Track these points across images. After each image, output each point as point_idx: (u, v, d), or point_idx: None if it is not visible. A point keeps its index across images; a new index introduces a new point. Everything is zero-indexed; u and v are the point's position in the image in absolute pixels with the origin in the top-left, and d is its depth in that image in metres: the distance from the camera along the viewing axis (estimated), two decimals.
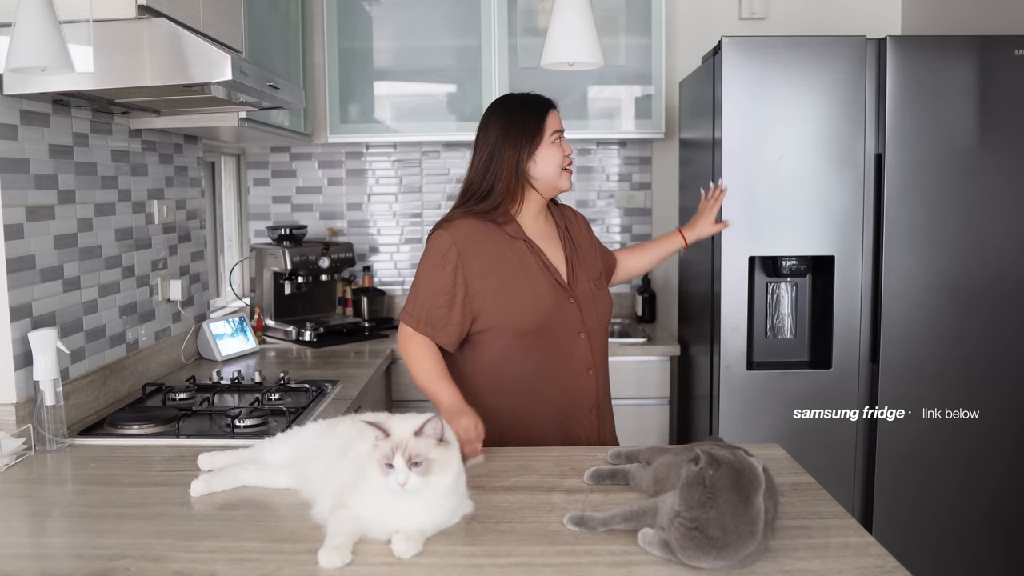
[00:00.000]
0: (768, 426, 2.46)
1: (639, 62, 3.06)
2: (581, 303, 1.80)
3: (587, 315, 1.80)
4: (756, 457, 1.09)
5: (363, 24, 3.08)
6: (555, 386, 1.77)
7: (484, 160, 1.78)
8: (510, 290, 1.74)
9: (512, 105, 1.82)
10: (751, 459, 1.08)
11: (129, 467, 1.55)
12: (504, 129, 1.77)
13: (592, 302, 1.82)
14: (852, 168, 2.40)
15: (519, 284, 1.75)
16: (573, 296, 1.79)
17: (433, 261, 1.74)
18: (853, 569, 1.09)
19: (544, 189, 1.80)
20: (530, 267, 1.77)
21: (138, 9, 1.59)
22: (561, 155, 1.79)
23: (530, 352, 1.75)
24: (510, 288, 1.74)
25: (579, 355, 1.79)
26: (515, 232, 1.78)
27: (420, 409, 1.25)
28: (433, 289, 1.73)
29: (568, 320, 1.78)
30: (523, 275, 1.76)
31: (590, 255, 1.89)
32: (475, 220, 1.77)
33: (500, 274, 1.74)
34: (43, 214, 1.82)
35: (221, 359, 2.60)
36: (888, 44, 2.35)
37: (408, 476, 1.13)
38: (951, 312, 2.41)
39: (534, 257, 1.78)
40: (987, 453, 2.44)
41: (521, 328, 1.74)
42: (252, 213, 3.46)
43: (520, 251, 1.77)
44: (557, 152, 1.78)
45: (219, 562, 1.13)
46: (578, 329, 1.78)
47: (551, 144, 1.78)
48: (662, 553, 1.10)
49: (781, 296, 2.53)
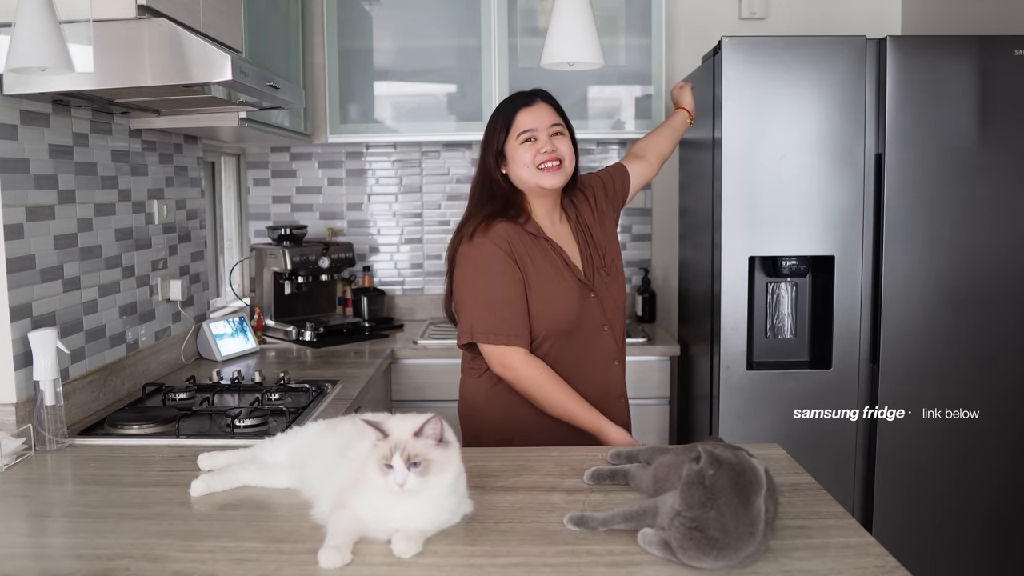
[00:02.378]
0: (768, 426, 2.45)
1: (639, 62, 3.06)
2: (600, 295, 1.81)
3: (607, 306, 1.82)
4: (758, 459, 1.09)
5: (363, 24, 3.08)
6: (588, 380, 1.78)
7: (478, 166, 1.83)
8: (545, 291, 1.74)
9: (497, 108, 1.82)
10: (753, 461, 1.08)
11: (129, 467, 1.55)
12: (486, 134, 1.81)
13: (607, 292, 1.83)
14: (852, 168, 2.40)
15: (552, 284, 1.75)
16: (593, 290, 1.80)
17: (491, 268, 1.71)
18: (853, 569, 1.09)
19: (530, 191, 1.78)
20: (557, 266, 1.77)
21: (138, 9, 1.59)
22: (531, 154, 1.74)
23: (563, 350, 1.76)
24: (545, 289, 1.74)
25: (606, 347, 1.82)
26: (535, 231, 1.78)
27: (420, 409, 1.25)
28: (501, 298, 1.70)
29: (592, 315, 1.80)
30: (553, 275, 1.76)
31: (598, 230, 1.87)
32: (503, 224, 1.74)
33: (535, 273, 1.74)
34: (43, 214, 1.82)
35: (221, 359, 2.60)
36: (888, 44, 2.35)
37: (407, 476, 1.13)
38: (951, 312, 2.41)
39: (557, 256, 1.78)
40: (987, 453, 2.44)
41: (556, 328, 1.74)
42: (252, 213, 3.46)
43: (544, 250, 1.77)
44: (526, 152, 1.74)
45: (219, 562, 1.13)
46: (601, 322, 1.81)
47: (519, 146, 1.75)
48: (662, 553, 1.10)
49: (781, 296, 2.53)
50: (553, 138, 1.76)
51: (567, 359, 1.76)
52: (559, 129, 1.77)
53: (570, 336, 1.76)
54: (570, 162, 1.79)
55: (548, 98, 1.81)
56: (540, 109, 1.77)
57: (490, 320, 1.70)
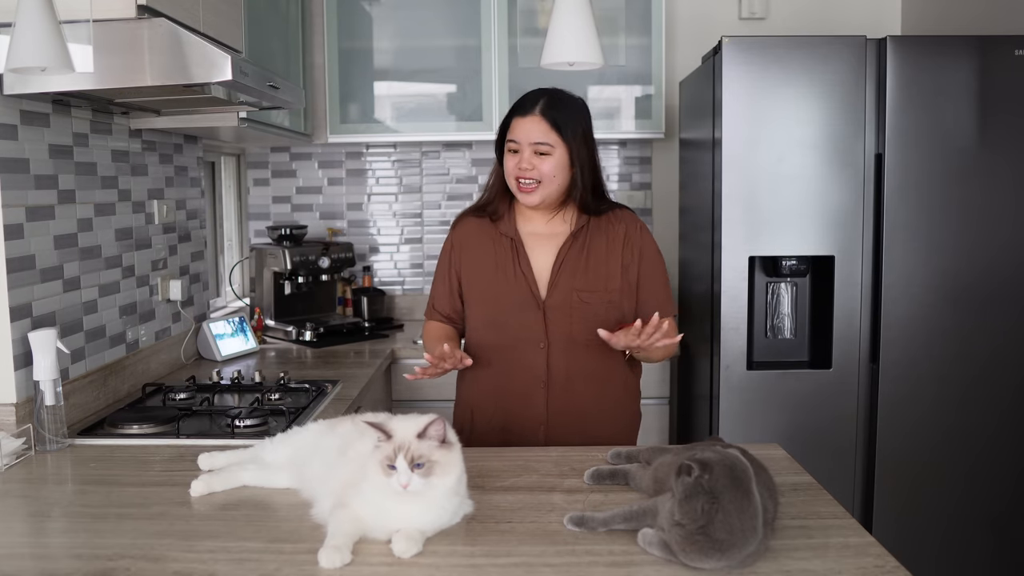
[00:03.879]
0: (768, 426, 2.46)
1: (639, 62, 3.06)
2: (550, 312, 1.74)
3: (554, 326, 1.74)
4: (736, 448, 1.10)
5: (363, 24, 3.08)
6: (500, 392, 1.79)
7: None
8: (481, 286, 1.81)
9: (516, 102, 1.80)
10: (733, 451, 1.09)
11: (129, 467, 1.55)
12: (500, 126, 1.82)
13: (567, 314, 1.73)
14: (852, 168, 2.40)
15: (488, 280, 1.80)
16: (542, 305, 1.75)
17: (441, 255, 1.89)
18: (853, 569, 1.09)
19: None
20: (503, 268, 1.78)
21: (138, 9, 1.59)
22: (512, 165, 1.73)
23: (485, 351, 1.79)
24: (481, 284, 1.81)
25: (533, 365, 1.75)
26: (506, 230, 1.80)
27: (420, 409, 1.25)
28: (437, 278, 1.89)
29: (528, 328, 1.75)
30: (493, 274, 1.79)
31: (602, 267, 1.76)
32: (475, 217, 1.85)
33: (478, 268, 1.82)
34: (43, 214, 1.82)
35: (221, 359, 2.60)
36: (888, 44, 2.35)
37: (410, 478, 1.13)
38: (951, 312, 2.41)
39: (512, 258, 1.78)
40: (987, 453, 2.44)
41: (478, 323, 1.82)
42: (252, 213, 3.46)
43: (502, 250, 1.79)
44: (509, 161, 1.74)
45: (219, 562, 1.12)
46: (539, 339, 1.74)
47: (507, 152, 1.75)
48: (662, 553, 1.10)
49: (781, 296, 2.53)
50: (535, 157, 1.70)
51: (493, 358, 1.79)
52: (543, 149, 1.69)
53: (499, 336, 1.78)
54: (550, 182, 1.71)
55: (548, 109, 1.70)
56: (530, 123, 1.70)
57: (433, 295, 1.90)
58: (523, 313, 1.75)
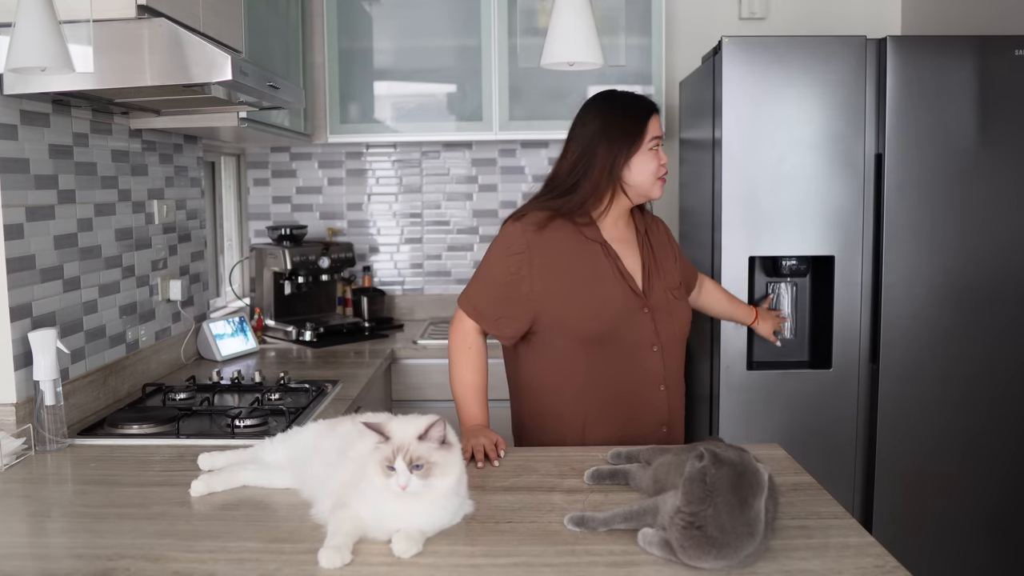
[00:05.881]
0: (768, 426, 2.45)
1: (639, 62, 3.06)
2: (656, 313, 1.73)
3: (662, 326, 1.73)
4: (764, 463, 1.09)
5: (363, 24, 3.08)
6: (619, 399, 1.71)
7: (576, 155, 1.72)
8: (577, 292, 1.69)
9: (615, 104, 1.74)
10: (758, 464, 1.07)
11: (129, 467, 1.55)
12: (603, 127, 1.70)
13: (669, 313, 1.75)
14: (852, 168, 2.40)
15: (588, 287, 1.69)
16: (648, 306, 1.73)
17: (500, 250, 1.72)
18: (853, 569, 1.09)
19: (634, 195, 1.75)
20: (603, 271, 1.71)
21: (138, 9, 1.59)
22: (657, 163, 1.73)
23: (594, 360, 1.69)
24: (578, 290, 1.69)
25: (651, 368, 1.72)
26: (593, 235, 1.73)
27: (420, 409, 1.25)
28: (493, 278, 1.72)
29: (640, 331, 1.71)
30: (594, 279, 1.70)
31: (669, 264, 1.83)
32: (553, 216, 1.71)
33: (569, 274, 1.69)
34: (43, 214, 1.82)
35: (221, 359, 2.60)
36: (888, 44, 2.35)
37: (410, 479, 1.13)
38: (952, 312, 2.41)
39: (609, 262, 1.72)
40: (987, 453, 2.44)
41: (584, 333, 1.68)
42: (252, 213, 3.46)
43: (595, 254, 1.72)
44: (653, 160, 1.72)
45: (219, 562, 1.13)
46: (651, 341, 1.72)
47: (648, 151, 1.72)
48: (662, 553, 1.10)
49: (781, 296, 2.52)
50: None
51: (599, 368, 1.69)
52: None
53: (604, 345, 1.68)
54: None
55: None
56: (657, 119, 1.75)
57: (471, 288, 1.75)
58: (632, 317, 1.71)
